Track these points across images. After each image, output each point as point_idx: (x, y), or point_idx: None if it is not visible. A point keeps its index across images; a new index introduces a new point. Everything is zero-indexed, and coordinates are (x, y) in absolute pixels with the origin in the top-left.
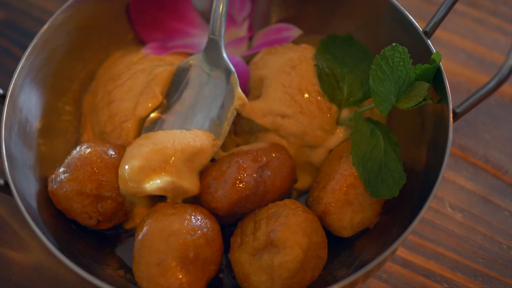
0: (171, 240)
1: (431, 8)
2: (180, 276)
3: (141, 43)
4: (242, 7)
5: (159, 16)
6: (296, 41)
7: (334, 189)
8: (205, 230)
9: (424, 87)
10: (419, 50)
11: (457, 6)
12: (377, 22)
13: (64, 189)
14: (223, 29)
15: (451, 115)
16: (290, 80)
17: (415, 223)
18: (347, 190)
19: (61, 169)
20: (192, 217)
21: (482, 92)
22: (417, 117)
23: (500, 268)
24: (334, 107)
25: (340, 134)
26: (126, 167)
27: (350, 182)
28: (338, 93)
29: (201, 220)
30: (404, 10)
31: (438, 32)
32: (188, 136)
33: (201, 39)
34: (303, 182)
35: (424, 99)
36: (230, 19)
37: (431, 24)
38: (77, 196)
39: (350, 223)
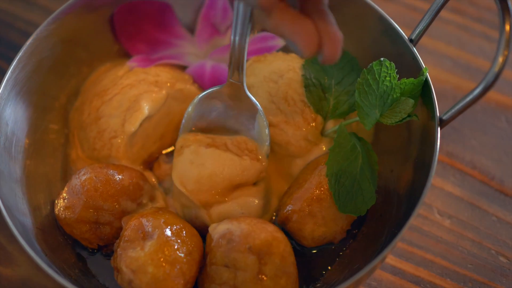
0: None
1: (416, 16)
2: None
3: (126, 55)
4: (224, 15)
5: (143, 27)
6: (286, 50)
7: (299, 198)
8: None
9: (408, 104)
10: (405, 58)
11: (442, 13)
12: (363, 30)
13: (64, 216)
14: (244, 73)
15: (437, 122)
16: (276, 89)
17: (404, 230)
18: (312, 202)
19: (62, 195)
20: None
21: (468, 99)
22: (405, 125)
23: (489, 273)
24: (319, 118)
25: (323, 146)
26: (180, 188)
27: (317, 194)
28: (324, 104)
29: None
30: (390, 19)
31: (424, 39)
32: (237, 166)
33: (185, 49)
34: (280, 191)
35: (409, 115)
36: (213, 28)
37: (417, 32)
38: (75, 223)
39: (311, 235)
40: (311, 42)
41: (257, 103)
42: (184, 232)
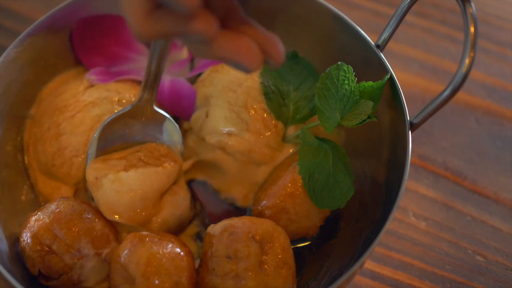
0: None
1: (381, 20)
2: None
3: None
4: None
5: (101, 41)
6: None
7: (273, 194)
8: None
9: (368, 106)
10: (372, 64)
11: (407, 17)
12: (329, 38)
13: (28, 229)
14: (155, 94)
15: (408, 126)
16: (236, 98)
17: (381, 235)
18: (285, 198)
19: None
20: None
21: (438, 101)
22: (376, 130)
23: (467, 273)
24: (280, 125)
25: (286, 152)
26: (114, 219)
27: (290, 191)
28: (284, 111)
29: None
30: (356, 25)
31: (390, 44)
32: (162, 175)
33: (143, 64)
34: (245, 199)
35: (369, 117)
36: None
37: (383, 37)
38: (32, 238)
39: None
40: (256, 57)
41: (165, 113)
42: (168, 262)
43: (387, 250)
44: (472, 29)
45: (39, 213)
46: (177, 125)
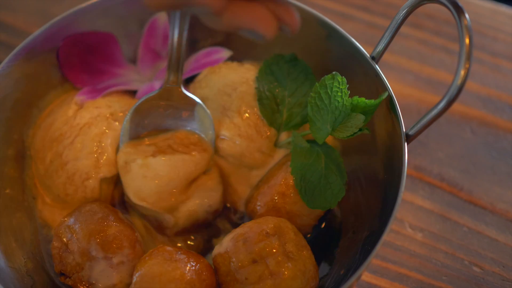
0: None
1: (375, 32)
2: None
3: (70, 90)
4: (165, 42)
5: (85, 58)
6: (235, 58)
7: (265, 193)
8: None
9: (359, 119)
10: (368, 75)
11: (401, 28)
12: (324, 50)
13: (55, 228)
14: (181, 75)
15: (404, 138)
16: (230, 102)
17: (378, 247)
18: (276, 197)
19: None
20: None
21: (433, 113)
22: (372, 142)
23: (464, 284)
24: (272, 131)
25: (278, 157)
26: (141, 204)
27: (281, 190)
28: (277, 117)
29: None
30: (351, 37)
31: (385, 55)
32: (190, 163)
33: (127, 78)
34: (237, 204)
35: (360, 130)
36: (154, 54)
37: (378, 49)
38: (55, 235)
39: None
40: (270, 23)
41: (195, 97)
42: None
43: (384, 261)
44: (467, 41)
45: (67, 215)
46: (208, 111)
